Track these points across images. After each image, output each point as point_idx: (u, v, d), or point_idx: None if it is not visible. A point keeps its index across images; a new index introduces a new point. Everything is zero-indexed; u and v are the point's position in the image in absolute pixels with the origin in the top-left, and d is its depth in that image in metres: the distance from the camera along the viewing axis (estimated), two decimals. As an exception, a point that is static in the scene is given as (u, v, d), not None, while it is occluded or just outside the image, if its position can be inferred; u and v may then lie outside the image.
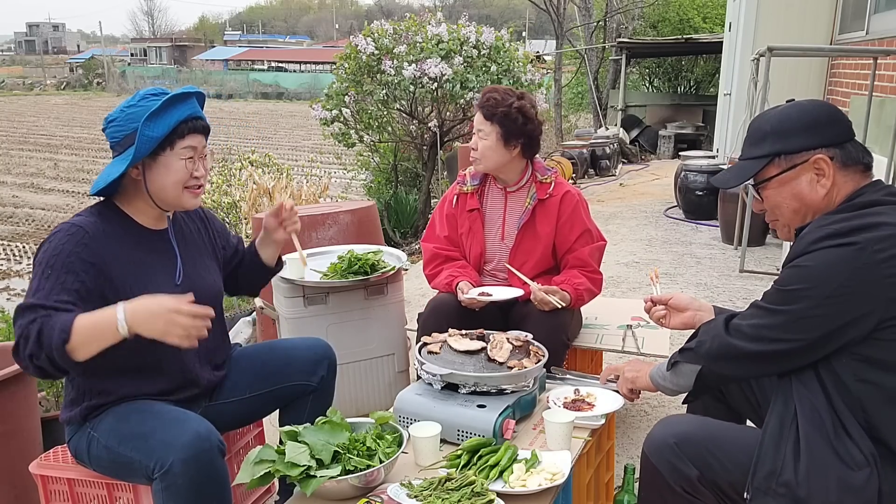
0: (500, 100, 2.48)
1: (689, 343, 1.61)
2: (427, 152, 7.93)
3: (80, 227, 1.70)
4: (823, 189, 1.47)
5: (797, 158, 1.48)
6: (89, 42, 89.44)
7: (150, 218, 1.85)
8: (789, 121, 1.50)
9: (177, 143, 1.75)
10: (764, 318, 1.45)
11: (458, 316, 2.41)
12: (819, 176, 1.47)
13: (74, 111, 30.95)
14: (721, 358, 1.52)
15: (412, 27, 7.32)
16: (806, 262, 1.39)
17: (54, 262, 1.64)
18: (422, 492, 1.57)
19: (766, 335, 1.43)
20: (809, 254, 1.38)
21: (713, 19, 15.79)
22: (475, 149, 2.54)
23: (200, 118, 1.81)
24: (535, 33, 39.95)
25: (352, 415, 1.98)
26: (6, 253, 8.72)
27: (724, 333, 1.51)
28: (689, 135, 12.71)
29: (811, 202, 1.49)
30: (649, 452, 1.59)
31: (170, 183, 1.77)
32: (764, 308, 1.46)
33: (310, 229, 3.33)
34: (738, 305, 4.37)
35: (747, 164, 1.55)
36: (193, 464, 1.60)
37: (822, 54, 6.47)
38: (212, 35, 79.84)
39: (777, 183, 1.51)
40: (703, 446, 1.52)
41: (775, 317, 1.42)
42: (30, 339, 1.51)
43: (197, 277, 1.90)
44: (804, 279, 1.38)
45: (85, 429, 1.76)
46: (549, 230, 2.55)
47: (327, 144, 9.96)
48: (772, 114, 1.55)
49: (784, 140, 1.49)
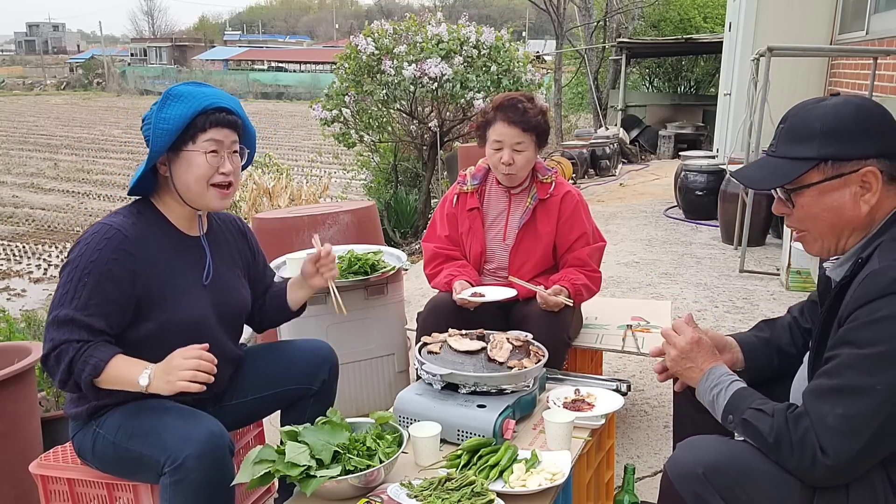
0: (529, 108, 2.46)
1: (758, 419, 1.33)
2: (427, 152, 7.93)
3: (118, 230, 1.68)
4: (867, 205, 1.29)
5: (846, 167, 1.28)
6: (89, 42, 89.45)
7: (183, 219, 1.83)
8: (845, 121, 1.29)
9: (198, 137, 1.72)
10: (854, 405, 1.20)
11: (458, 316, 2.40)
12: (864, 190, 1.29)
13: (74, 111, 30.95)
14: (812, 475, 1.26)
15: (412, 27, 7.32)
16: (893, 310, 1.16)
17: (92, 268, 1.63)
18: (422, 492, 1.57)
19: (863, 423, 1.19)
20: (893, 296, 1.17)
21: (713, 19, 15.80)
22: (510, 163, 2.47)
23: (225, 109, 1.75)
24: (535, 33, 39.96)
25: (352, 415, 1.98)
26: (6, 253, 8.72)
27: (813, 441, 1.23)
28: (689, 135, 12.72)
29: (851, 219, 1.31)
30: (674, 478, 1.41)
31: (193, 178, 1.73)
32: (849, 391, 1.20)
33: (310, 229, 3.33)
34: (737, 305, 4.37)
35: (786, 165, 1.34)
36: (207, 459, 1.60)
37: (822, 54, 6.48)
38: (212, 35, 79.86)
39: (817, 192, 1.31)
40: (732, 478, 1.34)
41: (871, 397, 1.18)
42: (61, 363, 1.59)
43: (224, 283, 1.90)
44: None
45: (90, 426, 1.76)
46: (549, 229, 2.55)
47: (327, 144, 9.97)
48: (823, 110, 1.32)
49: (837, 143, 1.29)
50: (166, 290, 1.74)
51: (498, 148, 2.49)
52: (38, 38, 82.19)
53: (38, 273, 7.83)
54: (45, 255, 8.63)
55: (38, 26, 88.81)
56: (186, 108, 1.69)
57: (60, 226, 10.13)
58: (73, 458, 1.88)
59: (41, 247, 8.97)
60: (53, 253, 8.69)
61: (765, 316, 4.13)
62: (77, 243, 1.69)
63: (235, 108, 1.79)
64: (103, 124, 25.03)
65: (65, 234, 9.63)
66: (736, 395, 1.42)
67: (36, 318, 4.34)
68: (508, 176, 2.53)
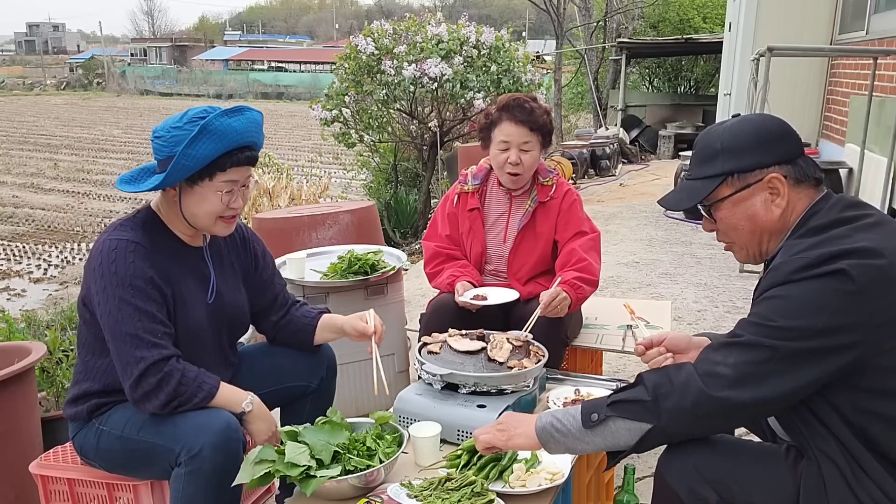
0: (536, 108, 2.46)
1: (628, 394, 1.40)
2: (427, 152, 7.93)
3: (137, 244, 1.69)
4: (778, 209, 1.41)
5: (750, 178, 1.41)
6: (89, 42, 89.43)
7: (187, 232, 1.84)
8: (741, 136, 1.42)
9: (217, 176, 1.70)
10: (746, 353, 1.30)
11: (460, 316, 2.40)
12: (774, 195, 1.40)
13: (74, 111, 30.93)
14: (695, 413, 1.32)
15: (412, 27, 7.32)
16: (789, 292, 1.29)
17: (132, 281, 1.65)
18: (422, 492, 1.57)
19: (752, 373, 1.28)
20: (791, 284, 1.29)
21: (713, 19, 15.79)
22: (517, 162, 2.45)
23: (249, 147, 1.73)
24: (535, 33, 39.94)
25: (352, 415, 1.98)
26: (6, 253, 8.71)
27: (697, 383, 1.31)
28: (689, 135, 12.69)
29: (766, 223, 1.42)
30: (666, 473, 1.45)
31: (203, 212, 1.74)
32: (744, 344, 1.31)
33: (310, 229, 3.34)
34: (737, 306, 4.37)
35: (697, 185, 1.46)
36: (222, 450, 1.61)
37: (822, 54, 6.47)
38: (212, 35, 79.79)
39: (731, 203, 1.44)
40: (723, 470, 1.39)
41: (760, 352, 1.29)
42: (168, 385, 1.64)
43: (227, 298, 1.92)
44: (793, 312, 1.27)
45: (91, 425, 1.77)
46: (548, 229, 2.55)
47: (327, 144, 9.97)
48: (721, 129, 1.46)
49: (737, 158, 1.41)
50: (176, 300, 1.76)
51: (504, 148, 2.47)
52: (38, 38, 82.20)
53: (38, 273, 7.83)
54: (45, 255, 8.63)
55: (38, 26, 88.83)
56: (215, 148, 1.65)
57: (60, 226, 10.12)
58: (73, 458, 1.88)
59: (41, 247, 8.97)
60: (53, 253, 8.69)
61: (765, 316, 4.15)
62: (99, 264, 1.67)
63: (259, 142, 1.77)
64: (103, 124, 25.02)
65: (65, 234, 9.62)
66: (586, 403, 1.46)
67: (36, 318, 4.34)
68: (514, 177, 2.50)
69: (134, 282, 1.65)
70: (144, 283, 1.67)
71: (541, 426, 1.48)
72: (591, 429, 1.40)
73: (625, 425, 1.37)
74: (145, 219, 1.79)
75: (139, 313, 1.65)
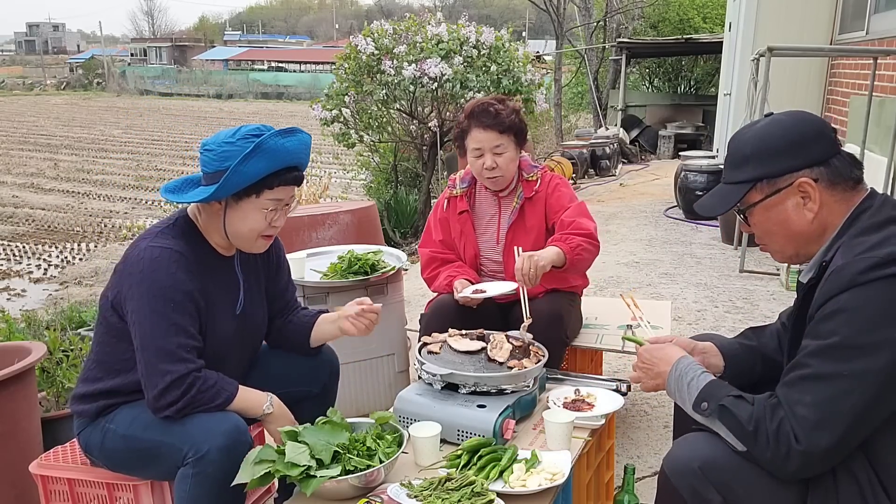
0: (501, 110, 2.44)
1: (738, 406, 1.35)
2: (427, 152, 7.92)
3: (180, 254, 1.70)
4: (811, 213, 1.38)
5: (780, 183, 1.39)
6: (89, 42, 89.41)
7: (222, 243, 1.85)
8: (770, 141, 1.40)
9: (263, 194, 1.72)
10: (822, 391, 1.23)
11: (460, 316, 2.40)
12: (805, 199, 1.38)
13: (74, 111, 30.92)
14: (787, 468, 1.28)
15: (412, 27, 7.32)
16: (857, 302, 1.21)
17: (172, 294, 1.66)
18: (422, 492, 1.57)
19: (833, 410, 1.21)
20: (859, 288, 1.22)
21: (713, 19, 15.79)
22: (493, 167, 2.45)
23: (297, 169, 1.76)
24: (535, 33, 39.95)
25: (352, 415, 1.98)
26: (6, 253, 8.70)
27: (787, 431, 1.26)
28: (689, 135, 12.72)
29: (800, 228, 1.40)
30: (670, 474, 1.44)
31: (245, 229, 1.76)
32: (815, 378, 1.24)
33: (310, 229, 3.33)
34: (737, 305, 4.37)
35: (729, 190, 1.46)
36: (228, 453, 1.62)
37: (822, 54, 6.47)
38: (212, 35, 79.78)
39: (762, 209, 1.43)
40: (729, 472, 1.36)
41: (837, 383, 1.21)
42: (187, 394, 1.65)
43: (252, 311, 1.94)
44: (866, 324, 1.20)
45: (98, 423, 1.77)
46: (538, 222, 2.55)
47: (327, 144, 9.96)
48: (751, 133, 1.44)
49: (765, 164, 1.40)
50: (209, 313, 1.78)
51: (479, 155, 2.48)
52: (38, 38, 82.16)
53: (38, 273, 7.82)
54: (45, 255, 8.62)
55: (38, 26, 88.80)
56: (266, 167, 1.68)
57: (60, 226, 10.12)
58: (74, 458, 1.88)
59: (41, 247, 8.96)
60: (53, 253, 8.68)
61: (765, 316, 4.15)
62: (139, 271, 1.67)
63: (305, 162, 1.79)
64: (103, 124, 25.01)
65: (65, 234, 9.61)
66: (711, 383, 1.45)
67: (36, 318, 4.34)
68: (494, 180, 2.51)
69: (173, 294, 1.66)
70: (183, 297, 1.68)
71: (670, 387, 1.53)
72: (699, 413, 1.43)
73: (725, 431, 1.37)
74: (185, 228, 1.79)
75: (174, 327, 1.66)
